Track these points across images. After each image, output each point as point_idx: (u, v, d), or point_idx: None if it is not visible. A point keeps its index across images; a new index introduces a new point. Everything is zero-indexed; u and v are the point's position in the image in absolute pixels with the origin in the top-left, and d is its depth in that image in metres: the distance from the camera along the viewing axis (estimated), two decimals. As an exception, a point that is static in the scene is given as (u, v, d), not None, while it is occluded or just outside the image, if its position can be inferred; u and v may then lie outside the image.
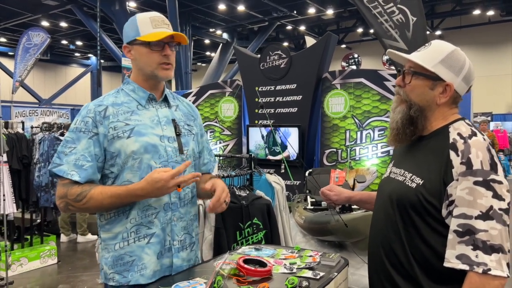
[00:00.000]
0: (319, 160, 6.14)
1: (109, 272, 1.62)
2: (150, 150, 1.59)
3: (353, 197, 1.85)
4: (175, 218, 1.66)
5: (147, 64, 1.63)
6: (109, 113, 1.59)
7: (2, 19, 14.93)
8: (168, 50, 1.63)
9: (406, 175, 1.43)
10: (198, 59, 23.63)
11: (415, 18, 4.94)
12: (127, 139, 1.57)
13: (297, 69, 6.06)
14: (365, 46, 19.00)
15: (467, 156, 1.28)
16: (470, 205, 1.25)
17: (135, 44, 1.63)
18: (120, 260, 1.61)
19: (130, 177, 1.58)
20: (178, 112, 1.76)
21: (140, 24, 1.61)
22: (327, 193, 1.86)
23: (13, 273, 4.71)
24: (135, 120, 1.61)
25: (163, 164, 1.62)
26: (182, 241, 1.69)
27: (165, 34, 1.59)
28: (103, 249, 1.66)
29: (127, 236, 1.60)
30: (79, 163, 1.55)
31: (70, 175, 1.53)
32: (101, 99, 1.65)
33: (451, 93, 1.40)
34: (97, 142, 1.57)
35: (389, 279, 1.44)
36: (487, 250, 1.22)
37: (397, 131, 1.46)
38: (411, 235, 1.38)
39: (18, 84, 9.81)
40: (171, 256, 1.65)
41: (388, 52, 1.54)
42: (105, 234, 1.65)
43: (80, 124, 1.58)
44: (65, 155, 1.56)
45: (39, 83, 22.24)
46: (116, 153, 1.58)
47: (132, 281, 1.59)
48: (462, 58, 1.41)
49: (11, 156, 4.69)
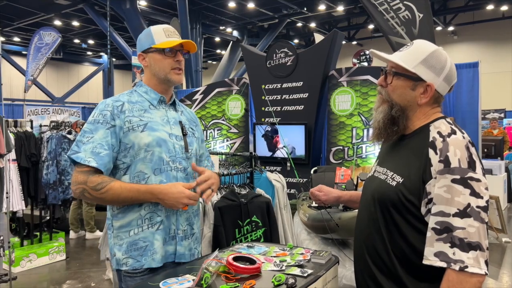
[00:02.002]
0: (325, 157, 6.13)
1: (123, 257, 1.73)
2: (162, 144, 1.74)
3: (342, 196, 1.86)
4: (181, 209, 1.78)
5: (161, 69, 1.81)
6: (125, 109, 1.75)
7: (16, 18, 15.17)
8: (180, 56, 1.83)
9: (387, 174, 1.44)
10: (209, 57, 23.71)
11: (421, 15, 4.89)
12: (141, 133, 1.72)
13: (304, 67, 6.04)
14: (376, 42, 18.84)
15: (445, 154, 1.29)
16: (448, 203, 1.25)
17: (150, 52, 1.82)
18: (134, 245, 1.73)
19: (142, 168, 1.72)
20: (184, 117, 1.94)
21: (155, 34, 1.81)
22: (316, 193, 1.88)
23: (22, 269, 4.81)
24: (148, 117, 1.77)
25: (172, 158, 1.77)
26: (185, 231, 1.82)
27: (177, 42, 1.79)
28: (115, 237, 1.77)
29: (141, 223, 1.73)
30: (96, 151, 1.66)
31: (87, 161, 1.65)
32: (118, 97, 1.82)
33: (432, 93, 1.41)
34: (113, 133, 1.70)
35: (372, 277, 1.45)
36: (464, 248, 1.22)
37: (379, 131, 1.47)
38: (392, 233, 1.39)
39: (30, 83, 9.95)
40: (175, 244, 1.78)
41: (370, 52, 1.55)
42: (118, 222, 1.76)
43: (99, 116, 1.72)
44: (82, 143, 1.69)
45: (52, 82, 22.54)
46: (130, 144, 1.71)
47: (146, 265, 1.72)
48: (443, 59, 1.40)
49: (20, 154, 4.77)
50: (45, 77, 21.16)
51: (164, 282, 1.43)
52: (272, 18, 15.84)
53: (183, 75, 1.89)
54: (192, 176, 1.86)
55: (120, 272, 1.76)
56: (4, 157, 4.06)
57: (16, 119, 5.14)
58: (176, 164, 1.78)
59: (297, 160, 5.88)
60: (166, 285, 1.41)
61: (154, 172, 1.72)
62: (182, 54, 1.84)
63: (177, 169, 1.78)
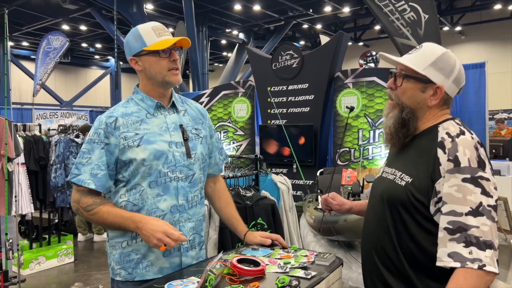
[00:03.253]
0: (331, 159, 6.13)
1: (116, 268, 1.72)
2: (160, 156, 1.67)
3: (353, 207, 1.87)
4: (183, 219, 1.73)
5: (158, 72, 1.70)
6: (119, 124, 1.68)
7: (24, 23, 15.32)
8: (175, 55, 1.72)
9: (396, 174, 1.45)
10: (215, 60, 23.75)
11: (427, 16, 4.88)
12: (137, 148, 1.66)
13: (309, 69, 6.05)
14: (382, 43, 18.75)
15: (454, 154, 1.30)
16: (460, 202, 1.26)
17: (143, 55, 1.70)
18: (127, 257, 1.70)
19: (140, 181, 1.68)
20: (186, 117, 1.83)
21: (145, 35, 1.68)
22: (330, 201, 1.89)
23: (31, 271, 4.86)
24: (144, 129, 1.69)
25: (171, 169, 1.70)
26: (191, 240, 1.76)
27: (171, 41, 1.68)
28: (111, 247, 1.75)
29: (136, 235, 1.67)
30: (94, 172, 1.65)
31: (87, 184, 1.64)
32: (112, 111, 1.75)
33: (441, 95, 1.42)
34: (107, 151, 1.66)
35: (380, 278, 1.45)
36: (481, 246, 1.22)
37: (391, 136, 1.49)
38: (400, 233, 1.40)
39: (39, 87, 10.05)
40: (180, 256, 1.73)
41: (379, 54, 1.56)
42: (113, 232, 1.73)
43: (94, 135, 1.69)
44: (82, 165, 1.67)
45: (61, 86, 22.71)
46: (127, 161, 1.67)
47: (137, 278, 1.68)
48: (452, 61, 1.42)
49: (29, 158, 4.83)
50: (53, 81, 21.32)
51: (169, 284, 1.45)
52: (278, 20, 15.84)
53: (180, 74, 1.78)
54: (197, 183, 1.79)
55: (114, 281, 1.76)
56: (13, 161, 4.11)
57: (25, 123, 5.20)
58: (176, 174, 1.71)
59: (303, 162, 5.88)
60: (171, 286, 1.43)
61: (150, 184, 1.67)
62: (177, 51, 1.73)
63: (178, 178, 1.71)
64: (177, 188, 1.71)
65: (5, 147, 3.87)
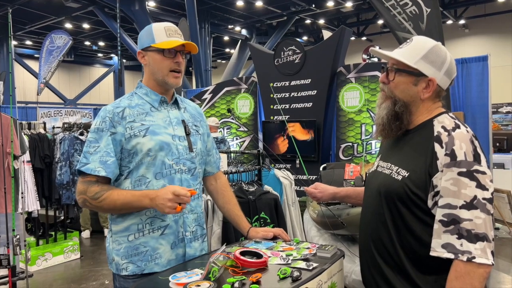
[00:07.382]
0: (335, 154, 6.13)
1: (122, 262, 1.72)
2: (164, 148, 1.72)
3: (338, 193, 1.90)
4: (186, 211, 1.78)
5: (159, 70, 1.76)
6: (126, 114, 1.72)
7: (28, 22, 15.39)
8: (180, 57, 1.77)
9: (392, 168, 1.46)
10: (218, 56, 23.75)
11: (429, 9, 4.87)
12: (143, 138, 1.70)
13: (312, 64, 6.05)
14: (386, 37, 18.68)
15: (451, 147, 1.31)
16: (455, 195, 1.28)
17: (149, 51, 1.76)
18: (134, 250, 1.71)
19: (144, 173, 1.71)
20: (187, 114, 1.90)
21: (156, 33, 1.75)
22: (311, 191, 1.92)
23: (38, 268, 4.92)
24: (149, 121, 1.74)
25: (175, 161, 1.75)
26: (194, 232, 1.81)
27: (178, 42, 1.73)
28: (114, 242, 1.76)
29: (142, 228, 1.71)
30: (104, 159, 1.67)
31: (97, 172, 1.65)
32: (118, 102, 1.78)
33: (434, 87, 1.44)
34: (114, 140, 1.69)
35: (378, 270, 1.47)
36: (471, 239, 1.25)
37: (383, 127, 1.50)
38: (398, 226, 1.41)
39: (43, 85, 10.12)
40: (184, 246, 1.77)
41: (370, 50, 1.58)
42: (116, 227, 1.75)
43: (101, 124, 1.71)
44: (90, 154, 1.68)
45: (64, 84, 22.81)
46: (133, 150, 1.70)
47: (146, 270, 1.70)
48: (443, 53, 1.43)
49: (34, 156, 4.87)
50: (57, 79, 21.42)
51: (174, 276, 1.48)
52: (280, 16, 15.82)
53: (181, 78, 1.82)
54: (198, 177, 1.85)
55: (117, 276, 1.76)
56: (19, 159, 4.15)
57: (30, 122, 5.25)
58: (180, 166, 1.76)
59: (306, 157, 5.90)
60: (175, 278, 1.46)
61: (156, 176, 1.71)
62: (183, 56, 1.78)
63: (181, 171, 1.76)
64: (181, 180, 1.76)
65: (11, 145, 3.91)
